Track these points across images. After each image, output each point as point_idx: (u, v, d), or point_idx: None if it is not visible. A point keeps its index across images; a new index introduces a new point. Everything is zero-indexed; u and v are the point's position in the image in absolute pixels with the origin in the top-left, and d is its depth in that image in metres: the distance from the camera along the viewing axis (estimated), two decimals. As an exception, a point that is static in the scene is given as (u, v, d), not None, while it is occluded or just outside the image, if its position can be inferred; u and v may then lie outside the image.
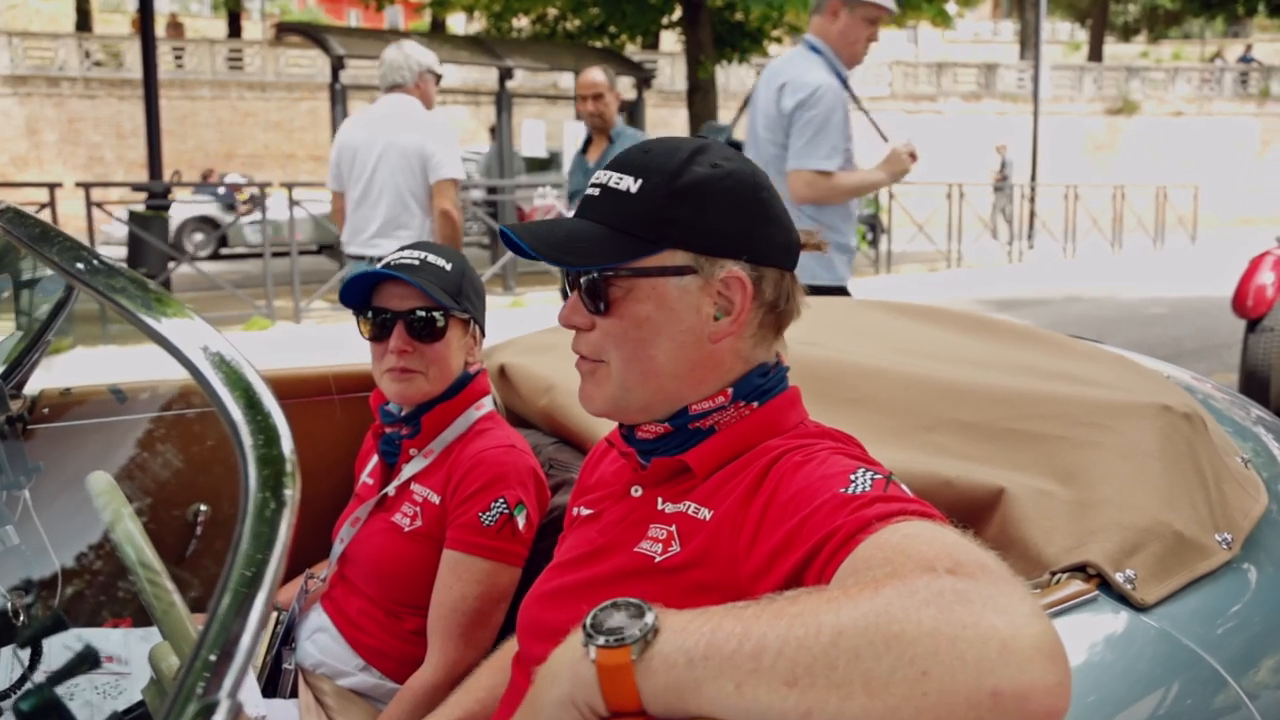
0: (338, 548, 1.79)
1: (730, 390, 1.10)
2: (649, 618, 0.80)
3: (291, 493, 0.60)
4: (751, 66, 18.60)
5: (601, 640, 0.79)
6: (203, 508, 2.01)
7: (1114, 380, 1.53)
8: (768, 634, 0.75)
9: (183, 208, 12.05)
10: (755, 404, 1.11)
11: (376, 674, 1.69)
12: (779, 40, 18.36)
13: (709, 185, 1.07)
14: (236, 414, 0.63)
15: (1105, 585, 1.10)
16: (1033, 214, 19.22)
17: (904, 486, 0.97)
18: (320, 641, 1.73)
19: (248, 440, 0.62)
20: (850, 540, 0.88)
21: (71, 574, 1.49)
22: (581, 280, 1.09)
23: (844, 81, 3.40)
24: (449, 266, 1.74)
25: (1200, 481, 1.28)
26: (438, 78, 4.34)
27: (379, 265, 1.73)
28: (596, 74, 5.22)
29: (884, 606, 0.73)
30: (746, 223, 1.08)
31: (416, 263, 1.71)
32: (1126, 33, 47.78)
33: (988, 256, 17.06)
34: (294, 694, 1.68)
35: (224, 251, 14.75)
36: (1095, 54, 35.41)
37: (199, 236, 11.00)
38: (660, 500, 1.12)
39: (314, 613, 1.78)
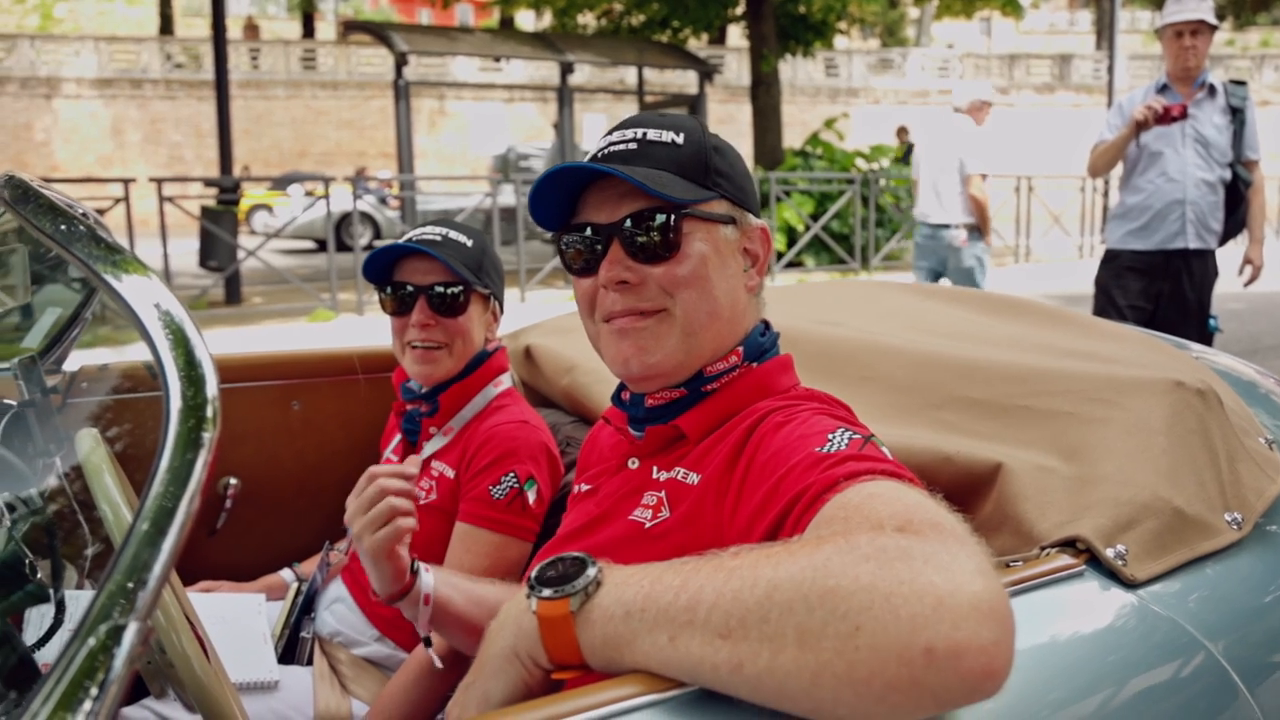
0: (358, 521, 1.83)
1: (741, 350, 1.12)
2: (591, 571, 0.80)
3: (210, 435, 0.63)
4: (817, 59, 18.36)
5: (544, 593, 0.80)
6: (232, 481, 2.06)
7: (1132, 357, 1.48)
8: (705, 587, 0.75)
9: (341, 203, 13.05)
10: (754, 364, 1.13)
11: (390, 644, 1.72)
12: (844, 32, 18.10)
13: (728, 146, 1.14)
14: (169, 362, 0.66)
15: (1095, 560, 1.07)
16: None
17: (884, 448, 0.96)
18: (338, 611, 1.77)
19: (175, 387, 0.65)
20: (818, 499, 0.87)
21: (94, 534, 1.54)
22: (645, 222, 1.06)
23: (1164, 88, 4.38)
24: (470, 243, 1.76)
25: (1210, 459, 1.23)
26: (988, 105, 6.09)
27: (401, 240, 1.75)
28: None
29: (822, 561, 0.73)
30: (751, 185, 1.16)
31: (439, 238, 1.73)
32: (1211, 20, 46.06)
33: (1058, 250, 16.64)
34: (310, 661, 1.72)
35: (377, 243, 16.47)
36: (1177, 43, 34.23)
37: (356, 228, 11.98)
38: (655, 469, 1.13)
39: (334, 584, 1.82)
